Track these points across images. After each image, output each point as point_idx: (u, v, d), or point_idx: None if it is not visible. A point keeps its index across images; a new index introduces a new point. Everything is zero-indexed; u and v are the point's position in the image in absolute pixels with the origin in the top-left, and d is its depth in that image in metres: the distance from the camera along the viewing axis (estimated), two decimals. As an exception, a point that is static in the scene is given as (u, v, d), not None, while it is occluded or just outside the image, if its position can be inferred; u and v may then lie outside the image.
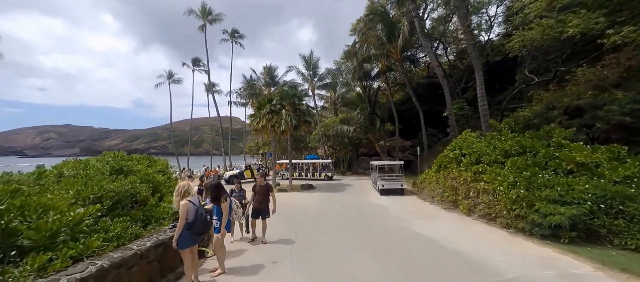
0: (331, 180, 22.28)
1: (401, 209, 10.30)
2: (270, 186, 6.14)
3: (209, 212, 3.83)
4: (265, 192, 6.02)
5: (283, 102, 17.83)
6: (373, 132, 24.31)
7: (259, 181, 6.11)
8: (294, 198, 14.09)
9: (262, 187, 6.04)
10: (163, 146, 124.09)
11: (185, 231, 3.56)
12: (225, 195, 4.10)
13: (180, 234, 3.53)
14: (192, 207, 3.62)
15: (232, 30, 35.69)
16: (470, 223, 7.48)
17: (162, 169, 7.92)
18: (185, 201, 3.59)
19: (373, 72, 26.46)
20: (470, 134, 9.51)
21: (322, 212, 10.26)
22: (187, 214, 3.56)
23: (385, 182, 14.32)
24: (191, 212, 3.60)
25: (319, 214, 9.89)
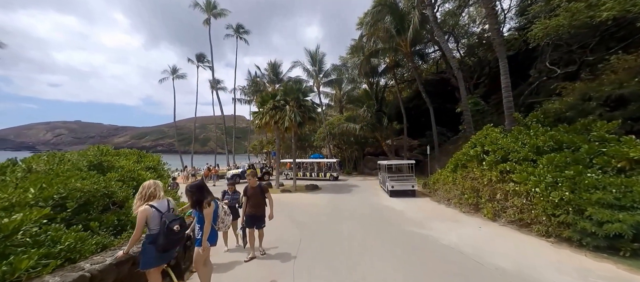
0: (337, 180, 21.43)
1: (416, 212, 9.40)
2: (264, 187, 5.08)
3: (182, 222, 2.97)
4: (260, 195, 5.00)
5: (287, 97, 17.06)
6: (380, 130, 23.35)
7: (250, 182, 5.02)
8: (299, 199, 13.29)
9: (255, 189, 4.98)
10: (170, 143, 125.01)
11: (148, 245, 2.78)
12: (209, 198, 3.28)
13: (144, 249, 2.78)
14: (154, 214, 2.81)
15: (237, 25, 35.21)
16: (499, 230, 6.54)
17: (153, 165, 7.19)
18: (144, 207, 2.79)
19: (380, 68, 25.50)
20: (493, 130, 8.55)
21: (330, 215, 9.41)
22: (147, 223, 2.79)
23: (395, 183, 13.42)
24: (153, 221, 2.81)
25: (326, 218, 9.05)
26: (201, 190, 3.25)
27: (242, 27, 35.73)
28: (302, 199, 13.40)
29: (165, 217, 2.85)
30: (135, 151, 7.48)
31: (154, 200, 2.89)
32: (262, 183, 5.14)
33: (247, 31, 36.08)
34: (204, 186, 3.32)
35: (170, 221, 2.83)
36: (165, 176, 7.60)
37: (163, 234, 2.76)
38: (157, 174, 7.09)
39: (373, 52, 19.89)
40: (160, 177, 7.14)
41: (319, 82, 27.48)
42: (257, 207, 4.98)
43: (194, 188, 3.26)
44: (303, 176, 22.80)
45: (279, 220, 8.54)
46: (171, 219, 2.85)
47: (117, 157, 6.32)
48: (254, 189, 4.99)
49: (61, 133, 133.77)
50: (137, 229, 2.73)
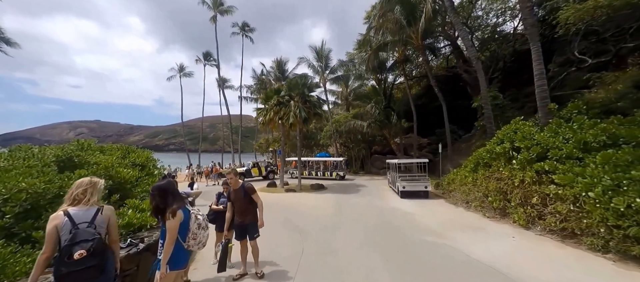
0: (343, 180, 20.52)
1: (431, 216, 8.42)
2: (249, 187, 3.99)
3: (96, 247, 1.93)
4: (245, 198, 3.97)
5: (291, 93, 16.26)
6: (388, 128, 22.30)
7: (232, 183, 3.98)
8: (303, 200, 12.46)
9: (237, 192, 3.98)
10: (181, 142, 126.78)
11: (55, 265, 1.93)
12: (175, 206, 2.39)
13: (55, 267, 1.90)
14: (65, 225, 1.94)
15: (243, 23, 34.68)
16: (538, 242, 5.53)
17: (141, 162, 6.47)
18: (56, 213, 1.98)
19: (388, 63, 24.41)
20: (525, 123, 7.48)
21: (336, 219, 8.54)
22: (55, 237, 1.93)
23: (406, 183, 12.44)
24: (64, 236, 1.93)
25: (332, 222, 8.19)
26: (164, 194, 2.42)
27: (247, 25, 35.19)
28: (306, 200, 12.57)
29: (75, 232, 1.92)
30: (122, 145, 6.79)
31: (78, 205, 2.06)
32: (246, 183, 4.04)
33: (253, 29, 35.52)
34: (169, 189, 2.48)
35: (76, 242, 1.89)
36: (156, 174, 6.88)
37: (56, 261, 1.89)
38: (146, 172, 6.37)
39: (381, 45, 18.86)
40: (149, 176, 6.43)
41: (325, 79, 26.61)
42: (243, 214, 3.99)
43: (156, 190, 2.44)
44: (309, 175, 21.99)
45: (279, 225, 7.74)
46: (79, 239, 1.90)
47: (97, 153, 5.61)
48: (237, 191, 3.97)
49: (82, 132, 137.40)
50: (45, 246, 1.91)
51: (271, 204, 11.48)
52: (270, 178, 20.44)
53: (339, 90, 34.13)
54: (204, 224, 2.66)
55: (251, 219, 4.02)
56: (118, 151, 6.02)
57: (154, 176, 6.77)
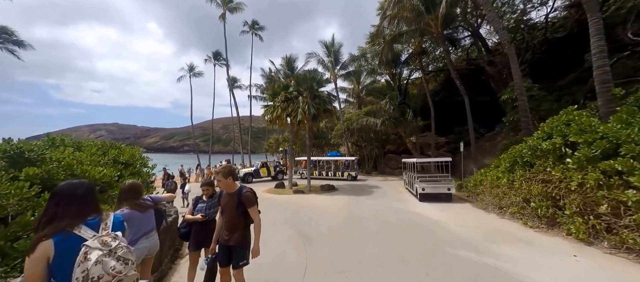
0: (355, 180, 19.39)
1: (461, 224, 7.20)
2: (246, 196, 2.82)
3: None
4: (237, 210, 2.82)
5: (300, 88, 15.34)
6: (404, 126, 20.92)
7: (222, 185, 2.86)
8: (311, 203, 11.48)
9: (230, 200, 2.85)
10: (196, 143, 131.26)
11: None
12: (49, 230, 1.34)
13: None
14: None
15: (252, 21, 34.24)
16: (609, 263, 4.26)
17: (125, 159, 5.71)
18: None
19: (403, 57, 23.00)
20: (581, 113, 6.12)
21: (348, 226, 7.49)
22: None
23: (426, 184, 11.18)
24: None
25: (343, 229, 7.16)
26: (50, 205, 1.45)
27: (257, 23, 34.71)
28: (315, 202, 11.58)
29: None
30: (105, 142, 6.07)
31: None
32: (244, 190, 2.86)
33: (262, 27, 35.00)
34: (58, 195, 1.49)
35: None
36: (144, 174, 6.11)
37: None
38: (130, 171, 5.59)
39: (396, 36, 17.56)
40: (136, 175, 5.66)
41: (335, 75, 25.50)
42: (231, 230, 2.84)
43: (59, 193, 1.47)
44: (319, 176, 21.01)
45: (282, 231, 6.78)
46: None
47: (70, 149, 4.87)
48: (230, 197, 2.83)
49: (102, 134, 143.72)
50: None
51: (277, 206, 10.59)
52: (279, 178, 19.64)
53: (350, 87, 32.95)
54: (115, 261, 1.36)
55: (240, 239, 2.84)
56: (95, 147, 5.27)
57: (142, 175, 6.00)
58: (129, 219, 2.65)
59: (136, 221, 2.70)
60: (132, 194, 2.78)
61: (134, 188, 2.82)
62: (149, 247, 2.81)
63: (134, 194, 2.79)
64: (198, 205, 3.51)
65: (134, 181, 2.90)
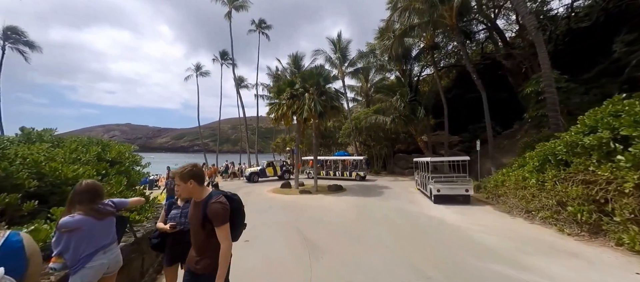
0: (364, 180, 18.63)
1: (485, 230, 6.40)
2: (213, 209, 1.83)
3: None
4: (205, 227, 1.88)
5: (306, 84, 14.73)
6: (414, 124, 19.99)
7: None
8: (317, 204, 10.84)
9: (195, 210, 1.97)
10: (205, 143, 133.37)
11: None
12: None
13: None
14: None
15: (259, 20, 33.96)
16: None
17: (110, 157, 5.23)
18: None
19: (414, 52, 22.04)
20: (633, 102, 5.23)
21: (358, 229, 6.82)
22: None
23: (441, 185, 10.36)
24: None
25: (353, 233, 6.49)
26: None
27: (263, 22, 34.41)
28: (322, 203, 10.93)
29: None
30: (91, 138, 5.63)
31: None
32: (212, 200, 1.89)
33: (269, 26, 34.67)
34: None
35: None
36: (134, 174, 5.63)
37: None
38: (116, 170, 5.10)
39: (407, 29, 16.71)
40: (124, 175, 5.16)
41: (343, 72, 24.80)
42: (200, 253, 1.95)
43: None
44: (326, 175, 20.36)
45: (284, 236, 6.16)
46: None
47: (46, 145, 4.41)
48: (195, 208, 1.98)
49: (115, 134, 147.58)
50: None
51: (281, 206, 10.01)
52: (285, 178, 19.11)
53: (358, 85, 32.14)
54: None
55: (212, 268, 1.86)
56: (76, 143, 4.80)
57: (132, 174, 5.51)
58: (80, 227, 2.08)
59: (90, 231, 2.13)
60: (89, 197, 2.21)
61: (91, 189, 2.25)
62: (108, 263, 2.23)
63: (91, 197, 2.22)
64: (171, 211, 2.81)
65: (92, 181, 2.33)
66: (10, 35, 17.71)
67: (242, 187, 16.18)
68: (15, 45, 18.04)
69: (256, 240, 5.91)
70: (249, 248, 5.36)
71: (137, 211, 4.42)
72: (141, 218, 4.46)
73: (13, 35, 17.97)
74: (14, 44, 17.92)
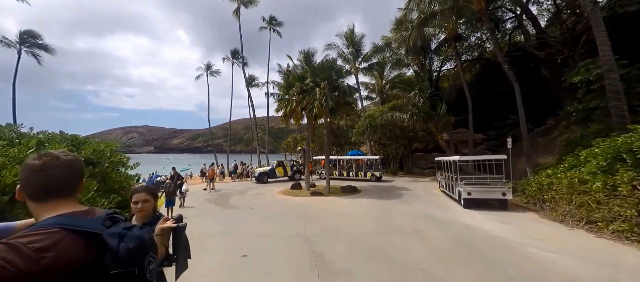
0: (380, 181, 17.37)
1: (546, 247, 5.09)
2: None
3: None
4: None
5: (317, 78, 13.71)
6: (435, 121, 18.46)
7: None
8: (331, 207, 9.76)
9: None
10: (218, 144, 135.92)
11: None
12: None
13: None
14: None
15: (270, 17, 33.32)
16: None
17: (86, 156, 4.39)
18: None
19: (434, 44, 20.48)
20: None
21: (381, 244, 5.68)
22: None
23: (473, 188, 9.01)
24: None
25: (374, 247, 5.38)
26: None
27: (274, 19, 33.73)
28: (335, 206, 9.84)
29: None
30: (66, 135, 4.85)
31: None
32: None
33: (280, 23, 33.96)
34: None
35: None
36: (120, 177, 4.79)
37: None
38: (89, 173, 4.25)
39: (427, 18, 15.29)
40: (103, 178, 4.34)
41: (356, 68, 23.59)
42: None
43: None
44: (339, 176, 19.25)
45: (289, 248, 5.06)
46: None
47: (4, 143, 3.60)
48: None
49: (133, 136, 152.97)
50: None
51: (289, 211, 8.99)
52: (296, 179, 18.18)
53: (372, 82, 30.78)
54: None
55: None
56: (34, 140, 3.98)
57: (111, 178, 4.66)
58: None
59: None
60: None
61: None
62: None
63: None
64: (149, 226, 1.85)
65: None
66: (26, 39, 17.91)
67: (250, 188, 15.38)
68: (31, 49, 18.25)
69: (255, 255, 4.94)
70: (246, 265, 4.38)
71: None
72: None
73: (29, 38, 18.15)
74: (29, 48, 18.13)
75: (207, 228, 7.04)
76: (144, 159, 23.38)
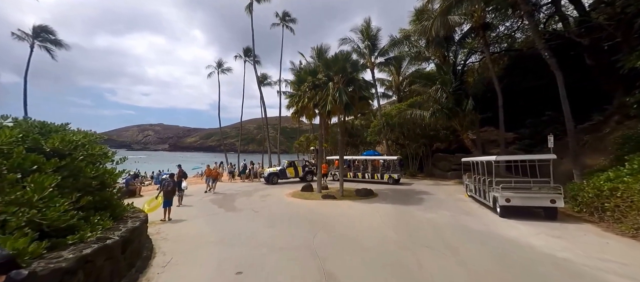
0: (398, 183, 16.07)
1: (625, 270, 3.81)
2: None
3: None
4: None
5: (330, 72, 12.75)
6: (459, 118, 16.86)
7: None
8: (345, 212, 8.73)
9: None
10: (231, 143, 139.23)
11: None
12: None
13: None
14: None
15: (283, 13, 32.79)
16: None
17: (53, 147, 3.73)
18: None
19: (458, 36, 18.83)
20: None
21: (407, 262, 4.63)
22: None
23: (513, 193, 7.66)
24: None
25: (402, 270, 4.32)
26: None
27: (288, 15, 33.16)
28: (349, 212, 8.80)
29: None
30: (34, 122, 4.21)
31: None
32: None
33: (294, 19, 33.34)
34: None
35: None
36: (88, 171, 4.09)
37: None
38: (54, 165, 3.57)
39: (451, 5, 13.87)
40: (76, 174, 3.64)
41: (372, 64, 22.33)
42: None
43: None
44: (353, 177, 18.14)
45: (295, 268, 4.03)
46: None
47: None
48: None
49: (148, 134, 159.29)
50: None
51: (297, 217, 8.03)
52: (307, 180, 17.29)
53: (389, 78, 29.34)
54: None
55: None
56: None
57: (83, 173, 3.97)
58: None
59: None
60: None
61: None
62: None
63: None
64: None
65: None
66: (39, 34, 18.42)
67: (258, 189, 14.66)
68: (44, 44, 18.73)
69: (252, 272, 4.05)
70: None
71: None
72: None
73: (42, 33, 18.63)
74: (42, 43, 18.63)
75: (201, 234, 6.28)
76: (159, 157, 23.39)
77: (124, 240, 3.68)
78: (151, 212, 7.70)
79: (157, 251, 5.08)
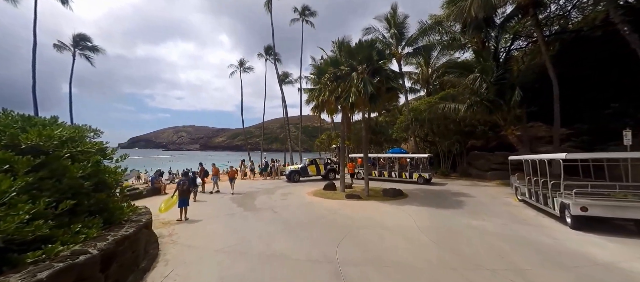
0: (429, 183, 14.54)
1: None
2: None
3: None
4: None
5: (353, 61, 11.65)
6: (503, 112, 14.75)
7: None
8: (371, 215, 7.63)
9: None
10: (256, 142, 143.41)
11: None
12: None
13: None
14: None
15: (303, 7, 32.06)
16: None
17: (32, 141, 3.18)
18: None
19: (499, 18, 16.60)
20: None
21: None
22: None
23: (592, 201, 6.08)
24: None
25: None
26: None
27: (307, 9, 32.35)
28: (376, 216, 7.68)
29: None
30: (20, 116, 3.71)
31: None
32: None
33: (314, 13, 32.49)
34: None
35: None
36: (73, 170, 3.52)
37: None
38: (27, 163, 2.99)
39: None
40: (46, 169, 3.04)
41: (400, 55, 20.70)
42: None
43: None
44: (379, 176, 16.88)
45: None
46: None
47: None
48: None
49: (182, 135, 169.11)
50: None
51: (318, 220, 7.08)
52: (329, 178, 16.36)
53: (416, 71, 27.30)
54: None
55: None
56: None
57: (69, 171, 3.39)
58: None
59: None
60: None
61: None
62: None
63: None
64: None
65: None
66: (79, 42, 19.60)
67: (279, 187, 14.02)
68: (84, 52, 19.91)
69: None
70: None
71: None
72: None
73: (81, 42, 19.81)
74: (82, 51, 19.80)
75: (213, 239, 5.61)
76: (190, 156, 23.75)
77: (106, 254, 3.00)
78: (167, 211, 7.32)
79: (160, 259, 4.48)
